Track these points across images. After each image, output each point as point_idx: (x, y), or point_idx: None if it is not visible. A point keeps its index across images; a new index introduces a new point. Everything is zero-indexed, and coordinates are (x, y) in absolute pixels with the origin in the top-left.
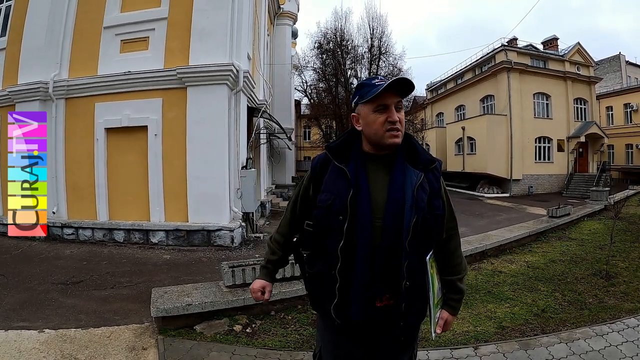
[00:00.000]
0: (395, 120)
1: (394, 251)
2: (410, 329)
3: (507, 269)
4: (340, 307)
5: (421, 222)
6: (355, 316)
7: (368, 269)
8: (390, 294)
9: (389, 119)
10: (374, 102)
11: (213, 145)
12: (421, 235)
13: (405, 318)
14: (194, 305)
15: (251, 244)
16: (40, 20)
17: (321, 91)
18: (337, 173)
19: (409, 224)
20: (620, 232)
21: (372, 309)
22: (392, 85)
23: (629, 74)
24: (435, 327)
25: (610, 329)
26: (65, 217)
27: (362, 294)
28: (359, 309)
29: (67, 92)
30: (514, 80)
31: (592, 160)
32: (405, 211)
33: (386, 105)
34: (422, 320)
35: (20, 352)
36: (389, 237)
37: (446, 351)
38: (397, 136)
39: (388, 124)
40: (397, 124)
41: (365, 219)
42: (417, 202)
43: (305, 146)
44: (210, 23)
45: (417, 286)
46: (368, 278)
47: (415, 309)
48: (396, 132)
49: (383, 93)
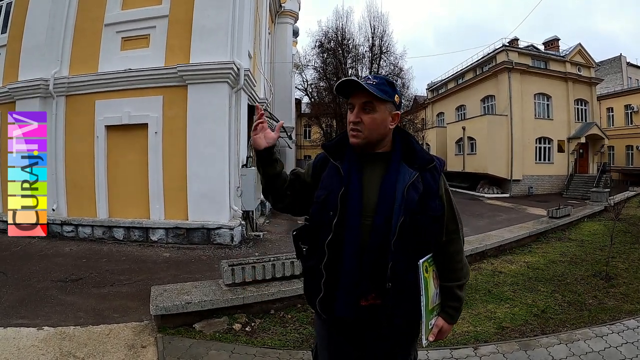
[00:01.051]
0: (353, 120)
1: (381, 251)
2: (398, 330)
3: (507, 269)
4: (325, 302)
5: (409, 223)
6: (339, 312)
7: (355, 266)
8: (377, 293)
9: (349, 119)
10: (349, 100)
11: (213, 143)
12: (409, 236)
13: (390, 319)
14: (193, 303)
15: (251, 243)
16: (41, 17)
17: (322, 90)
18: (333, 170)
19: (396, 223)
20: (620, 234)
21: (357, 307)
22: (344, 84)
23: (630, 75)
24: (428, 334)
25: (610, 330)
26: (65, 215)
27: (347, 291)
28: (343, 305)
29: (68, 90)
30: (514, 80)
31: (592, 162)
32: (394, 210)
33: (352, 105)
34: (413, 323)
35: (19, 350)
36: (377, 236)
37: (446, 351)
38: (354, 136)
39: (350, 124)
40: (360, 124)
41: (354, 216)
42: (407, 201)
43: (306, 145)
44: (211, 21)
45: (403, 288)
46: (355, 276)
47: (403, 311)
48: (354, 132)
49: (353, 93)
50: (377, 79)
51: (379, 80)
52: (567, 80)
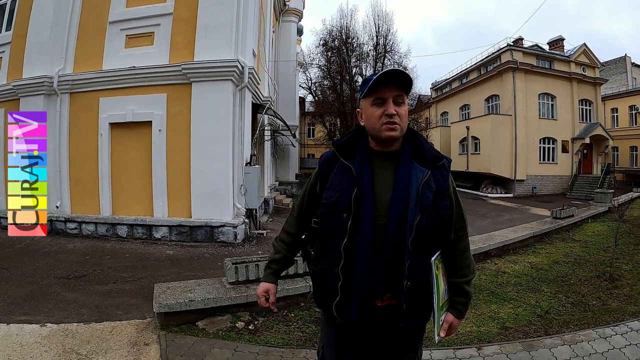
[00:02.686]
0: (391, 113)
1: (397, 250)
2: (412, 332)
3: (510, 270)
4: (342, 305)
5: (425, 222)
6: (355, 314)
7: (371, 267)
8: (392, 293)
9: (385, 112)
10: (372, 95)
11: (217, 141)
12: (425, 235)
13: (406, 319)
14: (197, 301)
15: (254, 241)
16: (45, 15)
17: (326, 89)
18: (343, 170)
19: (412, 223)
20: (624, 235)
21: (372, 308)
22: (386, 75)
23: (635, 76)
24: (439, 330)
25: (614, 332)
26: (68, 212)
27: (363, 292)
28: (359, 307)
29: (72, 87)
30: (519, 80)
31: (596, 162)
32: (409, 210)
33: (383, 99)
34: (425, 322)
35: (22, 346)
36: (392, 235)
37: (449, 351)
38: (393, 129)
39: (385, 117)
40: (395, 117)
41: (368, 217)
42: (422, 200)
43: (309, 144)
44: (216, 19)
45: (419, 287)
46: (370, 277)
47: (418, 311)
48: (392, 125)
49: (382, 86)
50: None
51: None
52: (571, 81)
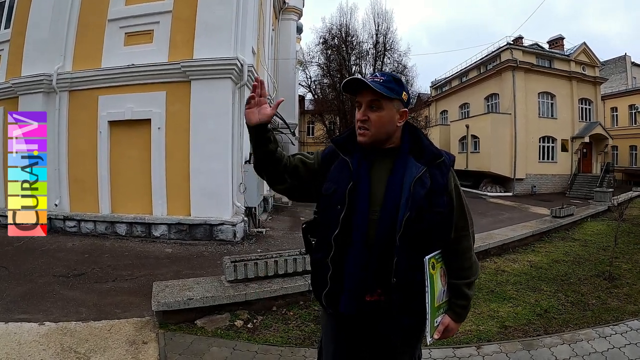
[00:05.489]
0: (359, 118)
1: (387, 246)
2: (408, 330)
3: (510, 269)
4: (331, 296)
5: (415, 218)
6: (343, 307)
7: (362, 261)
8: (383, 289)
9: (356, 117)
10: (356, 99)
11: (216, 139)
12: (414, 232)
13: (398, 317)
14: (195, 299)
15: (253, 239)
16: (44, 12)
17: (325, 87)
18: (343, 164)
19: (401, 218)
20: (623, 234)
21: (362, 302)
22: (348, 83)
23: (634, 75)
24: (433, 332)
25: (613, 331)
26: (67, 210)
27: (353, 286)
28: (348, 300)
29: (71, 85)
30: (519, 79)
31: (595, 161)
32: (400, 205)
33: (360, 103)
34: (420, 321)
35: (20, 345)
36: (383, 230)
37: (448, 350)
38: (361, 134)
39: (357, 122)
40: (366, 122)
41: (361, 211)
42: (413, 196)
43: (309, 142)
44: (215, 17)
45: (408, 285)
46: (361, 270)
47: (409, 309)
48: (361, 130)
49: (360, 91)
50: (384, 76)
51: (386, 78)
52: (571, 80)
